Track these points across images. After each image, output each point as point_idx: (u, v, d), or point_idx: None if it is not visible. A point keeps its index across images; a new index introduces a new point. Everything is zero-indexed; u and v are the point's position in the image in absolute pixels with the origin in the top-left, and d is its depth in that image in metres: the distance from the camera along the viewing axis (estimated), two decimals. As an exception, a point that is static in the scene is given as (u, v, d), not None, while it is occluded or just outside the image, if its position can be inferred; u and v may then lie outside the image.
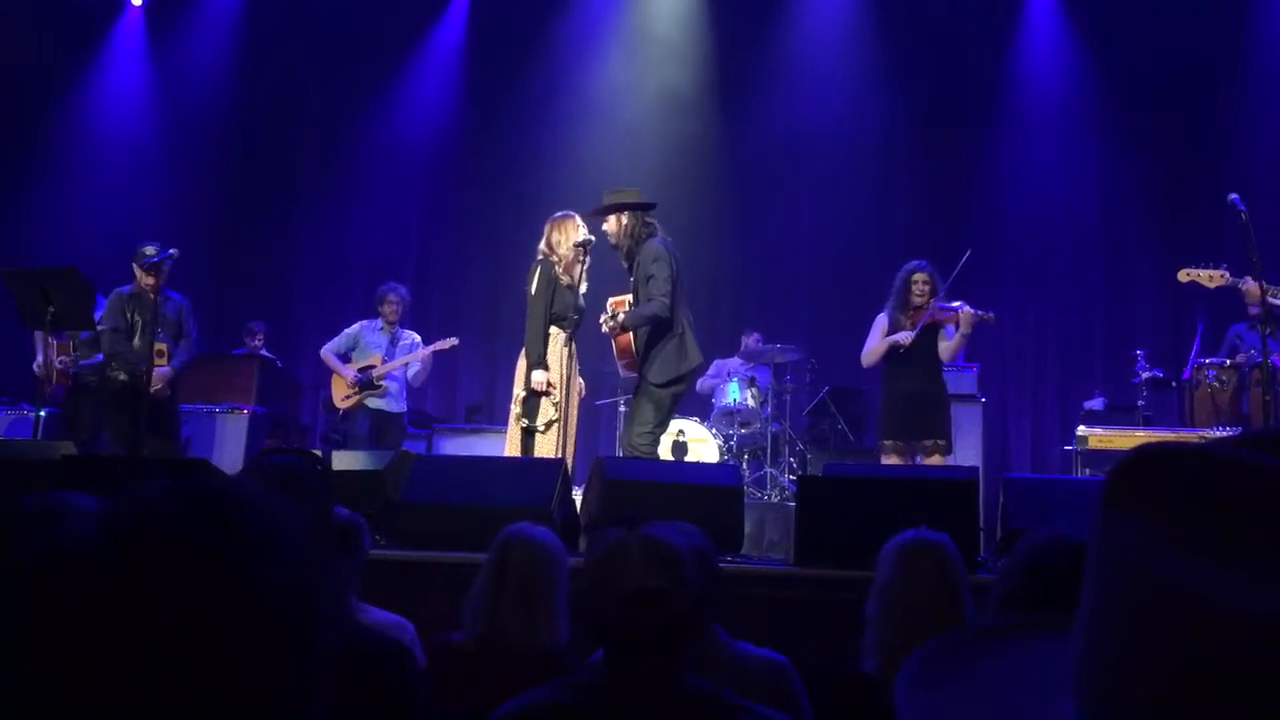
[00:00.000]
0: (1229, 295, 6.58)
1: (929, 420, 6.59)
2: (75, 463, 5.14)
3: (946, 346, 6.65)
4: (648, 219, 6.28)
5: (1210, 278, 6.21)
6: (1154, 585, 0.55)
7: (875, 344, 6.69)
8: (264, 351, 9.73)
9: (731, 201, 10.59)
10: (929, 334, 6.61)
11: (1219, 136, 9.96)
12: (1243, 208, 5.69)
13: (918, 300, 6.59)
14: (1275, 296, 5.87)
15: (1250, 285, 5.86)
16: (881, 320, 6.74)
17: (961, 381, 8.39)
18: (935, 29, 10.60)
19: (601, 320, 6.17)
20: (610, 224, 6.26)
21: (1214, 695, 0.52)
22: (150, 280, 7.08)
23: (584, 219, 6.40)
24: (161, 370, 7.08)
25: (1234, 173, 9.08)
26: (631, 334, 6.12)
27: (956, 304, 6.60)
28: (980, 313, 6.54)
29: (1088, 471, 7.20)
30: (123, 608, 0.65)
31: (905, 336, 6.51)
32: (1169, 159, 10.16)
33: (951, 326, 6.59)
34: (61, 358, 7.51)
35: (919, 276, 6.63)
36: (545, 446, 6.21)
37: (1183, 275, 6.42)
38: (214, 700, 0.66)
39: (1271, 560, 0.53)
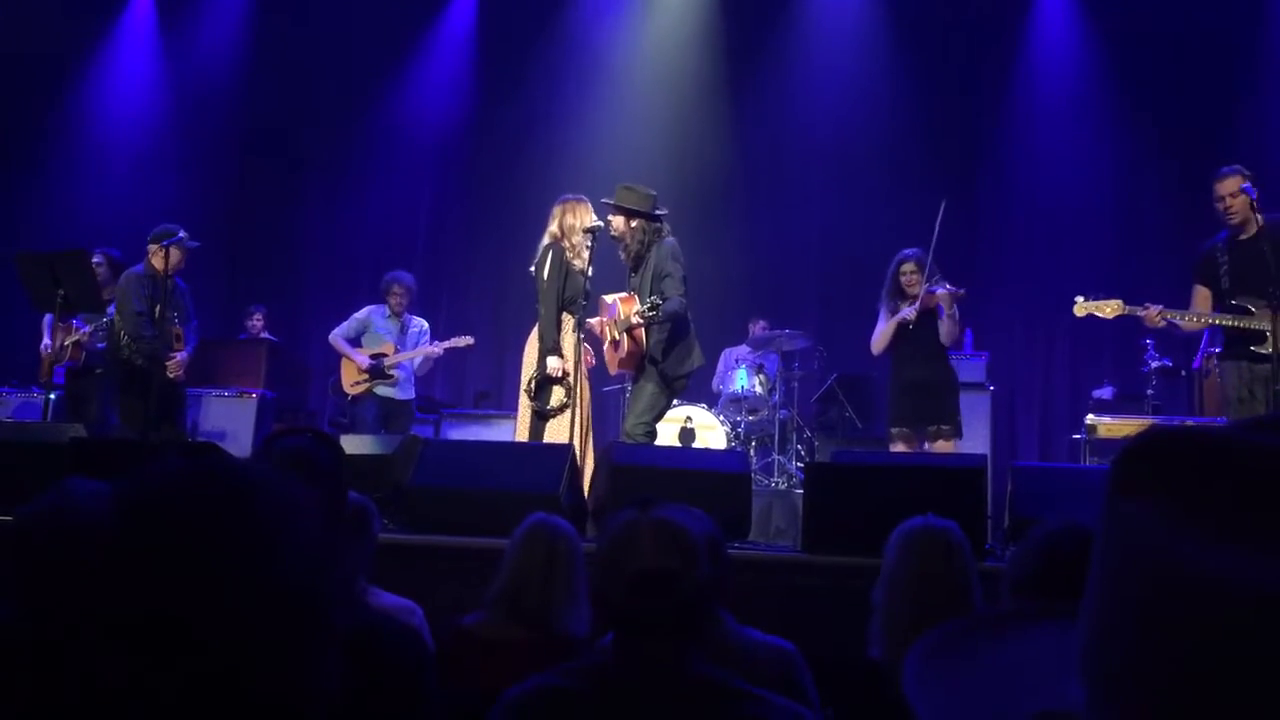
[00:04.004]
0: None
1: (935, 406, 6.61)
2: (84, 446, 5.15)
3: (943, 330, 6.67)
4: (660, 223, 6.26)
5: (1109, 308, 5.99)
6: (1160, 564, 0.55)
7: (882, 327, 6.73)
8: (266, 334, 9.76)
9: (742, 189, 10.56)
10: (929, 319, 6.63)
11: (1232, 124, 9.90)
12: (1254, 195, 5.66)
13: (910, 290, 6.64)
14: (1178, 319, 5.75)
15: (1149, 311, 5.74)
16: (882, 317, 6.80)
17: (970, 370, 8.37)
18: (948, 17, 10.55)
19: (632, 312, 6.01)
20: (619, 222, 6.19)
21: (1219, 672, 0.52)
22: (164, 263, 7.03)
23: (597, 207, 6.37)
24: (179, 355, 7.11)
25: (1247, 161, 9.02)
26: (644, 330, 6.11)
27: (935, 287, 6.63)
28: (952, 289, 6.57)
29: (1096, 460, 7.18)
30: (134, 583, 0.66)
31: (909, 312, 6.55)
32: (1181, 148, 10.10)
33: (942, 306, 6.63)
34: (76, 337, 7.47)
35: (907, 266, 6.70)
36: (558, 431, 6.20)
37: (1079, 309, 6.01)
38: (223, 676, 0.66)
39: (1276, 538, 0.53)
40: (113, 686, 0.65)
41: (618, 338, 6.20)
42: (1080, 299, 5.98)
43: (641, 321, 5.95)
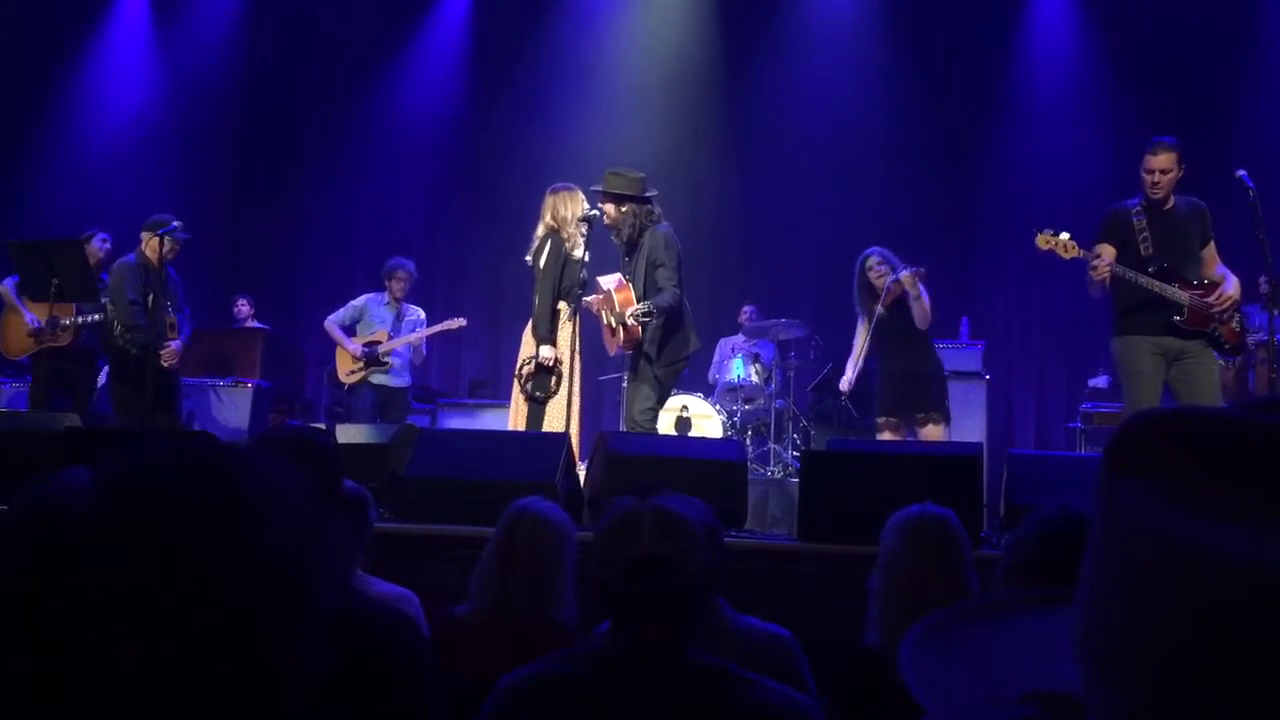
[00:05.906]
0: (1244, 280, 6.31)
1: (920, 394, 6.65)
2: (79, 434, 5.14)
3: (915, 313, 6.66)
4: (651, 205, 6.22)
5: (1065, 246, 5.83)
6: (1154, 542, 0.55)
7: (859, 341, 6.91)
8: (254, 322, 9.76)
9: (737, 178, 10.56)
10: (901, 309, 6.64)
11: (1227, 114, 9.89)
12: (1251, 184, 5.67)
13: (878, 283, 6.66)
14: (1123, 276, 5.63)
15: (1101, 261, 5.63)
16: (860, 321, 6.87)
17: (966, 358, 8.38)
18: (946, 6, 10.53)
19: (628, 314, 5.94)
20: (610, 208, 6.13)
21: (1216, 649, 0.52)
22: (158, 253, 7.04)
23: (587, 195, 6.36)
24: (174, 344, 7.10)
25: (1242, 150, 9.03)
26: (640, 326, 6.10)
27: (894, 274, 6.63)
28: (912, 270, 6.57)
29: (1092, 449, 7.19)
30: (116, 560, 0.65)
31: (845, 384, 7.05)
32: (1180, 141, 10.09)
33: (909, 291, 6.63)
34: (75, 320, 7.42)
35: (870, 262, 6.75)
36: (552, 419, 6.20)
37: (1041, 241, 5.80)
38: (204, 653, 0.66)
39: (1271, 514, 0.53)
40: (96, 664, 0.65)
41: (614, 325, 6.19)
42: (1037, 231, 5.94)
43: (636, 324, 5.95)
